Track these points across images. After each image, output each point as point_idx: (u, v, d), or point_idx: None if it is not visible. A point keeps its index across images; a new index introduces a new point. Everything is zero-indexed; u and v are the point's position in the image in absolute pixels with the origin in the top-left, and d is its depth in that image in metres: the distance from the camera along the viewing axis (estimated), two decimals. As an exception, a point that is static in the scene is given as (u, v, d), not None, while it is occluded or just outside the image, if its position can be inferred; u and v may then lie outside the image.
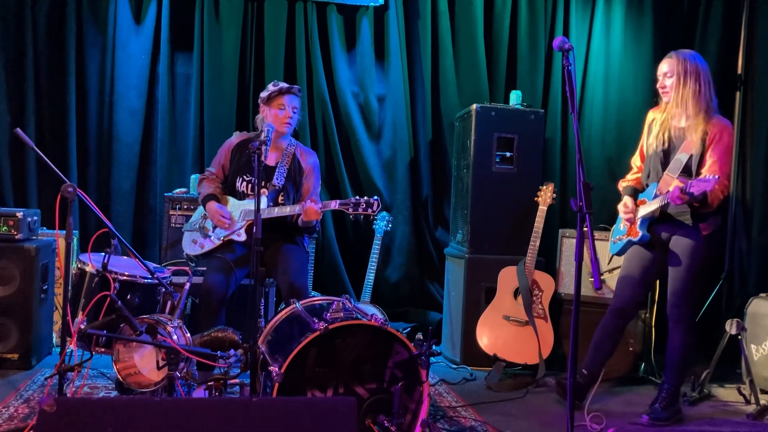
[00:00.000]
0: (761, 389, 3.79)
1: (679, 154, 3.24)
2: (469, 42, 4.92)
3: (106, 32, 4.60)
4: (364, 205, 3.29)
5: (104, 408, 1.79)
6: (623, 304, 3.37)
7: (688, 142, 3.23)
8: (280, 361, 2.52)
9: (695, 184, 2.96)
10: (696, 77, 3.20)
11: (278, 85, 3.61)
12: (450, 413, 3.28)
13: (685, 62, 3.23)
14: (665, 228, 3.31)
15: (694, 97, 3.20)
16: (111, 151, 4.64)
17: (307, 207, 3.36)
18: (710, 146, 3.18)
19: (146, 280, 3.08)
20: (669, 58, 3.29)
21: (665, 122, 3.33)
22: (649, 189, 3.33)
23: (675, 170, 3.23)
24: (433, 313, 4.90)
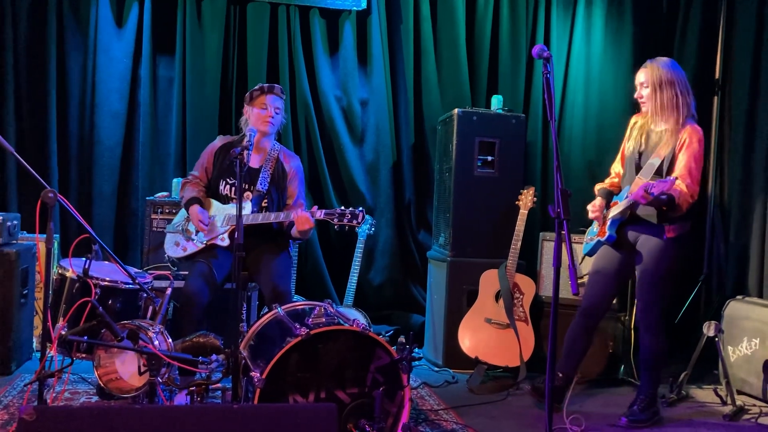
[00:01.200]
0: (738, 390, 3.85)
1: (652, 158, 3.29)
2: (451, 47, 4.95)
3: (87, 35, 4.58)
4: (349, 216, 3.28)
5: (84, 416, 1.79)
6: (592, 304, 3.41)
7: (661, 147, 3.28)
8: (261, 366, 2.53)
9: (656, 185, 3.00)
10: (671, 85, 3.26)
11: (262, 85, 3.63)
12: (431, 416, 3.31)
13: (659, 71, 3.28)
14: (633, 229, 3.35)
15: (669, 105, 3.26)
16: (92, 155, 4.62)
17: (299, 216, 3.34)
18: (680, 151, 3.24)
19: (127, 285, 3.07)
20: (644, 67, 3.35)
21: (644, 126, 3.40)
22: (623, 192, 3.38)
23: (647, 174, 3.27)
24: (416, 316, 4.92)
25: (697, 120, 3.35)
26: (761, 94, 4.70)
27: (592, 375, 4.08)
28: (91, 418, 1.82)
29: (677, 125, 3.26)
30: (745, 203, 4.78)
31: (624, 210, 3.29)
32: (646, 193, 3.04)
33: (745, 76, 4.85)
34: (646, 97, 3.32)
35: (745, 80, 4.85)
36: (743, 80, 4.88)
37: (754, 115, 4.76)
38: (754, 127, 4.76)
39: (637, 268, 3.35)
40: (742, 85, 4.90)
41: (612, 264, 3.42)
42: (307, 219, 3.34)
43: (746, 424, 3.45)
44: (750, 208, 4.72)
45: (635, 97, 3.41)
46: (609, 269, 3.42)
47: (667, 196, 3.08)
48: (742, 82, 4.89)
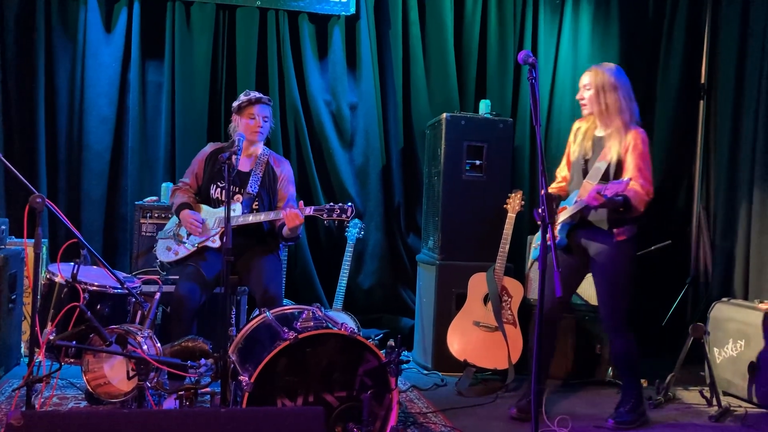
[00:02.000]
0: (723, 391, 3.89)
1: (597, 162, 3.30)
2: (440, 51, 4.98)
3: (75, 40, 4.58)
4: (338, 211, 3.33)
5: (72, 421, 1.80)
6: (550, 309, 3.36)
7: (606, 150, 3.30)
8: (250, 370, 2.54)
9: (610, 187, 3.03)
10: (614, 90, 3.27)
11: (249, 95, 3.66)
12: (420, 419, 3.33)
13: (604, 75, 3.29)
14: (584, 233, 3.35)
15: (612, 109, 3.27)
16: (81, 159, 4.61)
17: (288, 212, 3.38)
18: (626, 154, 3.25)
19: (116, 290, 3.07)
20: (589, 71, 3.36)
21: (588, 131, 3.41)
22: (571, 196, 3.39)
23: (594, 177, 3.29)
24: (406, 319, 4.94)
25: (641, 125, 3.36)
26: (746, 99, 4.76)
27: (581, 377, 4.11)
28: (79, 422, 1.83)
29: (621, 129, 3.27)
30: (731, 206, 4.84)
31: (574, 214, 3.30)
32: (598, 195, 3.05)
33: (730, 81, 4.91)
34: (588, 100, 3.33)
35: (730, 85, 4.91)
36: (728, 85, 4.94)
37: (739, 119, 4.82)
38: (739, 131, 4.82)
39: (593, 274, 3.37)
40: (727, 90, 4.96)
41: (564, 268, 3.41)
42: (296, 215, 3.37)
43: (731, 425, 3.48)
44: (735, 211, 4.77)
45: (576, 98, 3.42)
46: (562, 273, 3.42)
47: (622, 197, 3.11)
48: (728, 87, 4.95)
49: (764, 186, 4.51)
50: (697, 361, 4.11)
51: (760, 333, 3.74)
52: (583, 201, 3.18)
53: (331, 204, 3.37)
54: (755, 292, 4.48)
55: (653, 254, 4.38)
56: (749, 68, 4.75)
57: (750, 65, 4.75)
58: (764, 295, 4.29)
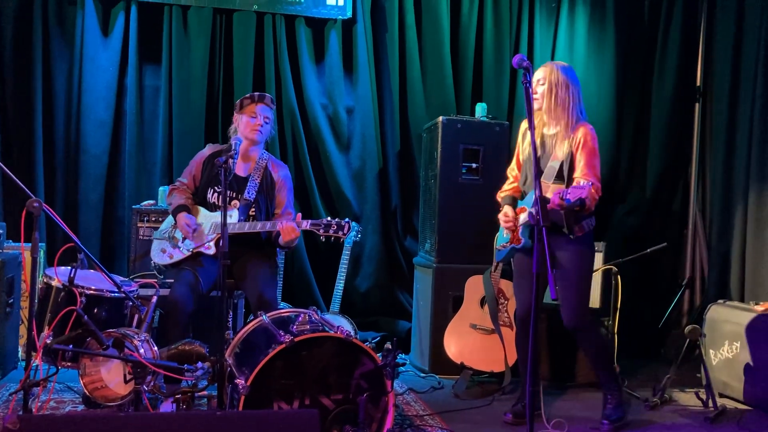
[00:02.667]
0: (720, 393, 3.90)
1: (551, 161, 3.31)
2: (436, 55, 5.00)
3: (73, 44, 4.59)
4: (335, 227, 3.32)
5: (68, 424, 1.81)
6: (524, 311, 3.39)
7: (557, 149, 3.30)
8: (246, 373, 2.55)
9: (571, 191, 3.02)
10: (566, 88, 3.29)
11: (253, 93, 3.66)
12: (417, 422, 3.33)
13: (558, 73, 3.30)
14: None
15: (562, 106, 3.28)
16: (78, 163, 4.62)
17: (285, 226, 3.37)
18: (577, 151, 3.26)
19: (113, 294, 3.08)
20: (544, 66, 3.37)
21: (538, 130, 3.38)
22: (528, 196, 3.38)
23: (550, 176, 3.30)
24: (403, 322, 4.95)
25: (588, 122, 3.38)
26: (741, 101, 4.78)
27: (580, 380, 4.12)
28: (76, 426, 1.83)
29: (568, 126, 3.28)
30: (727, 209, 4.85)
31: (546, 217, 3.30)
32: (561, 200, 3.04)
33: (725, 84, 4.93)
34: (540, 95, 3.33)
35: (725, 88, 4.93)
36: (723, 88, 4.96)
37: (734, 121, 4.84)
38: (734, 133, 4.83)
39: (557, 273, 3.35)
40: (722, 93, 4.98)
41: (527, 267, 3.39)
42: (292, 229, 3.37)
43: (727, 427, 3.49)
44: (731, 213, 4.79)
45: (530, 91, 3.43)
46: (528, 273, 3.38)
47: (578, 200, 3.12)
48: (723, 90, 4.97)
49: (760, 189, 4.53)
50: (693, 362, 4.13)
51: (756, 335, 3.75)
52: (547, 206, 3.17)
53: (328, 219, 3.36)
54: (751, 294, 4.50)
55: (650, 257, 4.39)
56: (744, 71, 4.77)
57: (745, 68, 4.77)
58: (760, 297, 4.30)
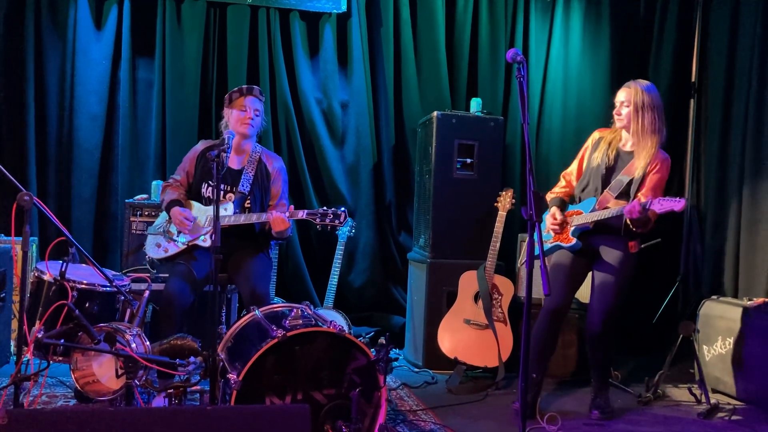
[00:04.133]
0: (712, 388, 3.91)
1: (621, 175, 3.38)
2: (431, 50, 4.98)
3: (65, 37, 4.56)
4: (331, 216, 3.33)
5: (57, 419, 1.79)
6: (557, 305, 3.43)
7: (632, 166, 3.37)
8: (238, 368, 2.54)
9: (662, 202, 3.06)
10: (651, 109, 3.35)
11: (242, 87, 3.65)
12: (410, 417, 3.33)
13: (642, 94, 3.35)
14: (599, 238, 3.42)
15: (650, 129, 3.35)
16: (71, 157, 4.60)
17: (274, 217, 3.38)
18: (650, 174, 3.34)
19: (105, 288, 3.06)
20: (627, 87, 3.41)
21: (613, 143, 3.47)
22: (586, 202, 3.44)
23: (615, 189, 3.37)
24: (397, 317, 4.94)
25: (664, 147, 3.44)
26: (735, 98, 4.78)
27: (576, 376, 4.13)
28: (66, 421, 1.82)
29: (652, 149, 3.35)
30: (721, 205, 4.86)
31: (595, 221, 3.34)
32: (642, 209, 3.11)
33: (720, 80, 4.93)
34: (626, 116, 3.39)
35: (720, 83, 4.93)
36: (718, 83, 4.96)
37: (728, 117, 4.84)
38: (728, 129, 4.84)
39: (598, 275, 3.43)
40: (717, 89, 4.98)
41: (573, 268, 3.47)
42: (282, 220, 3.37)
43: (720, 422, 3.50)
44: (725, 209, 4.80)
45: (614, 113, 3.46)
46: (570, 273, 3.46)
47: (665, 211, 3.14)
48: (718, 86, 4.97)
49: (754, 184, 4.54)
50: (686, 358, 4.14)
51: (749, 330, 3.76)
52: (626, 213, 3.17)
53: (324, 208, 3.36)
54: (745, 289, 4.51)
55: (644, 252, 4.38)
56: (739, 67, 4.77)
57: (740, 64, 4.76)
58: (753, 293, 4.31)
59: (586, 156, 3.55)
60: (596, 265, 3.44)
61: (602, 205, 3.37)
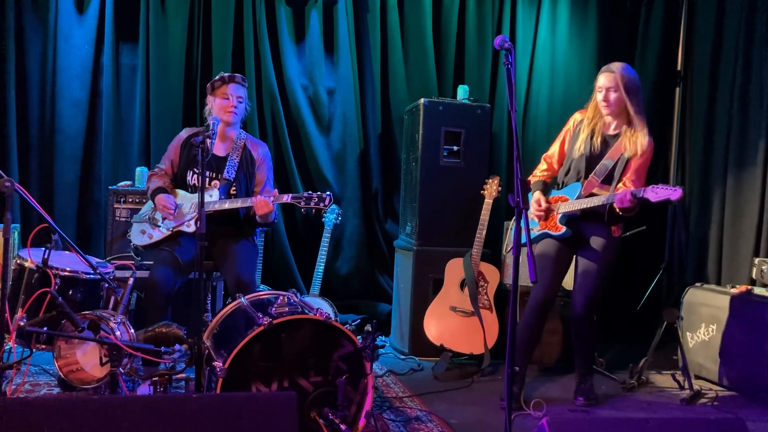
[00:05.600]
0: (695, 375, 3.95)
1: (605, 159, 3.36)
2: (418, 36, 4.96)
3: (47, 21, 4.48)
4: (316, 200, 3.32)
5: (41, 408, 1.77)
6: (545, 296, 3.42)
7: (617, 149, 3.34)
8: (224, 356, 2.53)
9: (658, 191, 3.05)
10: (636, 92, 3.32)
11: (223, 74, 3.61)
12: (396, 404, 3.34)
13: (628, 77, 3.31)
14: (583, 224, 3.40)
15: (635, 113, 3.32)
16: (53, 143, 4.53)
17: (257, 200, 3.38)
18: (635, 158, 3.32)
19: (88, 275, 3.04)
20: (609, 72, 3.34)
21: (597, 129, 3.42)
22: (570, 188, 3.43)
23: (601, 174, 3.35)
24: (383, 305, 4.95)
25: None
26: (720, 86, 4.80)
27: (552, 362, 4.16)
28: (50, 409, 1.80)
29: (640, 132, 3.32)
30: (705, 193, 4.89)
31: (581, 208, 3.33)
32: (634, 198, 3.12)
33: (706, 68, 4.95)
34: (613, 101, 3.33)
35: (706, 72, 4.95)
36: (704, 72, 4.98)
37: (713, 106, 4.87)
38: (713, 118, 4.86)
39: (582, 260, 3.42)
40: (702, 77, 5.00)
41: (559, 256, 3.46)
42: (265, 202, 3.37)
43: (702, 408, 3.54)
44: (709, 198, 4.83)
45: (600, 100, 3.37)
46: (557, 261, 3.45)
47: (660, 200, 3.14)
48: (703, 74, 4.99)
49: (738, 172, 4.57)
50: (670, 345, 4.17)
51: (731, 318, 3.79)
52: (616, 202, 3.16)
53: (309, 192, 3.36)
54: (728, 277, 4.55)
55: (629, 239, 4.41)
56: (724, 56, 4.79)
57: (725, 53, 4.78)
58: (736, 281, 4.35)
59: (568, 139, 3.53)
60: (580, 251, 3.44)
61: (588, 191, 3.35)
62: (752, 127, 4.49)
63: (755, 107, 4.48)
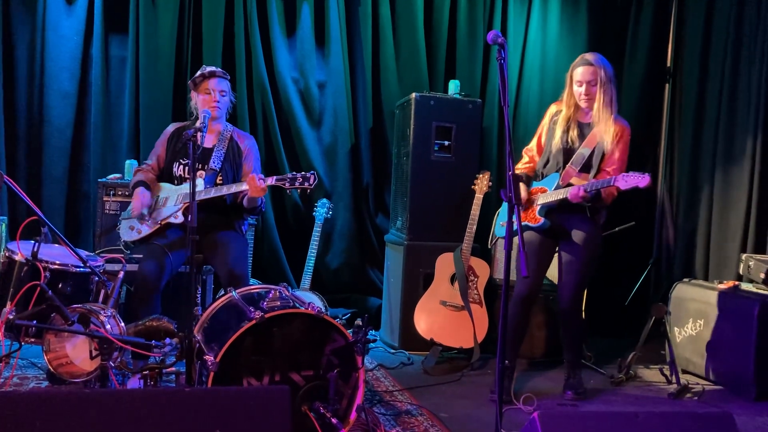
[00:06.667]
0: (683, 369, 3.99)
1: (582, 148, 3.36)
2: (410, 31, 4.95)
3: (35, 11, 4.43)
4: (300, 179, 3.28)
5: (30, 401, 1.77)
6: (529, 289, 3.42)
7: (593, 137, 3.35)
8: (215, 349, 2.52)
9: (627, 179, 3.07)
10: (611, 83, 3.34)
11: (204, 70, 3.60)
12: (386, 397, 3.35)
13: (604, 69, 3.32)
14: (562, 215, 3.41)
15: (609, 102, 3.33)
16: (42, 135, 4.49)
17: (249, 180, 3.32)
18: (612, 144, 3.32)
19: (78, 268, 3.01)
20: (588, 65, 3.34)
21: (572, 118, 3.43)
22: (549, 178, 3.43)
23: (578, 163, 3.36)
24: (373, 299, 4.95)
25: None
26: (710, 83, 4.83)
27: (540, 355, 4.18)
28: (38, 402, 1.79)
29: (610, 119, 3.33)
30: (694, 189, 4.93)
31: (557, 200, 3.34)
32: (585, 193, 3.17)
33: (695, 65, 4.98)
34: (593, 95, 3.34)
35: (695, 69, 4.98)
36: (693, 69, 5.01)
37: (702, 102, 4.90)
38: (702, 114, 4.89)
39: (565, 253, 3.43)
40: (692, 74, 5.03)
41: (541, 249, 3.47)
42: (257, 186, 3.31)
43: (689, 402, 3.58)
44: (698, 193, 4.87)
45: (582, 93, 3.36)
46: (539, 254, 3.47)
47: (596, 191, 3.21)
48: (692, 71, 5.02)
49: (726, 169, 4.60)
50: (658, 340, 4.21)
51: (718, 313, 3.83)
52: (570, 197, 3.22)
53: (293, 173, 3.32)
54: (715, 272, 4.59)
55: (617, 235, 4.44)
56: (714, 53, 4.82)
57: (714, 50, 4.81)
58: (724, 276, 4.39)
59: (545, 131, 3.53)
60: (563, 243, 3.44)
61: (565, 181, 3.36)
62: (740, 123, 4.52)
63: (743, 103, 4.51)
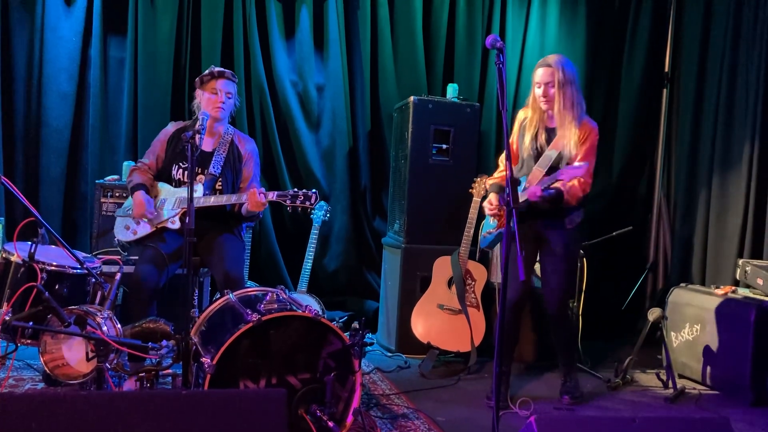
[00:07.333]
0: (679, 374, 3.99)
1: (548, 150, 3.33)
2: (408, 34, 4.96)
3: (33, 12, 4.43)
4: (302, 198, 3.29)
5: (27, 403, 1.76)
6: (518, 294, 3.39)
7: (558, 140, 3.32)
8: (212, 352, 2.52)
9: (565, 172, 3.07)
10: (571, 85, 3.29)
11: (213, 69, 3.59)
12: (383, 401, 3.34)
13: (563, 71, 3.28)
14: (538, 222, 3.38)
15: (570, 103, 3.29)
16: (39, 136, 4.49)
17: (251, 194, 3.32)
18: (578, 146, 3.29)
19: (75, 270, 3.01)
20: (547, 67, 3.32)
21: (539, 124, 3.39)
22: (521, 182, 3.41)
23: (544, 165, 3.32)
24: (370, 302, 4.95)
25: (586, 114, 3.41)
26: (707, 88, 4.85)
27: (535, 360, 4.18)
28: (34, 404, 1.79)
29: (574, 121, 3.29)
30: (691, 194, 4.94)
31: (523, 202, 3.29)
32: (542, 191, 3.18)
33: (693, 70, 5.00)
34: (551, 97, 3.31)
35: (693, 74, 4.99)
36: (691, 74, 5.02)
37: (700, 107, 4.91)
38: (700, 119, 4.91)
39: (545, 259, 3.42)
40: (689, 79, 5.04)
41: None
42: (258, 201, 3.31)
43: (685, 406, 3.58)
44: (695, 198, 4.88)
45: (540, 95, 3.33)
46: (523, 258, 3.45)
47: (555, 190, 3.18)
48: (690, 76, 5.03)
49: (723, 174, 4.61)
50: (655, 344, 4.21)
51: (715, 318, 3.84)
52: (528, 196, 3.21)
53: (294, 190, 3.32)
54: (712, 277, 4.60)
55: (615, 240, 4.45)
56: (711, 58, 4.83)
57: (712, 55, 4.83)
58: (721, 281, 4.40)
59: (514, 140, 3.49)
60: (542, 250, 3.42)
61: (532, 183, 3.31)
62: (738, 127, 4.54)
63: (741, 108, 4.52)
